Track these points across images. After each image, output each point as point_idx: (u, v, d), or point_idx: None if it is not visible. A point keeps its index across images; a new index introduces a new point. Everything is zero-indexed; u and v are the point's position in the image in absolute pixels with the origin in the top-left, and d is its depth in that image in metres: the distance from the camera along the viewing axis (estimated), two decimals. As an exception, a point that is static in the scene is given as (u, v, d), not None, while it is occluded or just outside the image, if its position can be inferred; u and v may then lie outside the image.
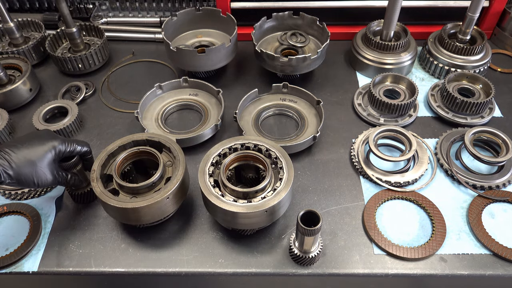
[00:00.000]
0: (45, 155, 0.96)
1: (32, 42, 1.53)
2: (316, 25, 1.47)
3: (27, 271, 1.02)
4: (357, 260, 1.02)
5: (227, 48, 1.36)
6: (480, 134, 1.22)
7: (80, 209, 1.14)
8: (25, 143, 0.95)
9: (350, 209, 1.12)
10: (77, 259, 1.04)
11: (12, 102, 1.38)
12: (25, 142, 0.95)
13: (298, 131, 1.29)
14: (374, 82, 1.35)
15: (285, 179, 0.97)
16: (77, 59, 1.47)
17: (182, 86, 1.40)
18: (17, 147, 0.93)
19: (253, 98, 1.36)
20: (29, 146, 0.95)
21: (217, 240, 1.07)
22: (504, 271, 1.00)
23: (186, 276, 1.02)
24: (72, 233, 1.09)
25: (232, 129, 1.33)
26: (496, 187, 1.14)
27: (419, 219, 1.11)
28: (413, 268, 1.01)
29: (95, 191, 0.97)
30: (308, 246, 0.96)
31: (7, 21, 1.48)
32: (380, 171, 1.18)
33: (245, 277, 1.02)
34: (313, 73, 1.50)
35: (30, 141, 0.96)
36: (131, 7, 1.71)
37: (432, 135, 1.30)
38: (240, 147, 1.05)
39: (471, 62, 1.42)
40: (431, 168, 1.21)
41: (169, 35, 1.45)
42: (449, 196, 1.15)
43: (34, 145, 0.95)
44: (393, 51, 1.45)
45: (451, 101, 1.30)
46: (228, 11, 1.55)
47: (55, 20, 1.69)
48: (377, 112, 1.34)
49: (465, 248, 1.04)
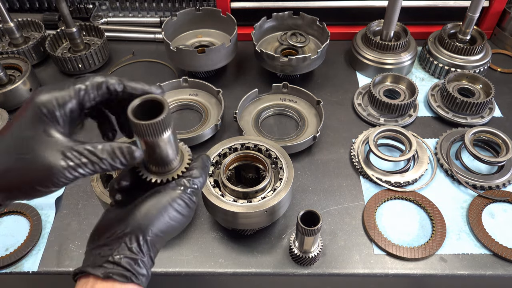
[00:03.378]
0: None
1: (32, 42, 1.53)
2: (316, 25, 1.47)
3: (27, 271, 1.02)
4: (357, 260, 1.02)
5: (227, 48, 1.36)
6: (480, 134, 1.22)
7: (80, 209, 1.14)
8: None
9: (350, 209, 1.12)
10: (77, 259, 1.04)
11: (12, 102, 1.38)
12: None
13: (298, 131, 1.29)
14: (374, 82, 1.35)
15: (285, 179, 0.97)
16: (77, 59, 1.47)
17: (182, 86, 1.40)
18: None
19: (253, 98, 1.36)
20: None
21: (217, 240, 1.07)
22: (504, 271, 1.00)
23: (186, 276, 1.02)
24: (72, 233, 1.09)
25: (232, 129, 1.33)
26: (496, 187, 1.14)
27: (419, 219, 1.11)
28: (413, 268, 1.01)
29: (95, 191, 0.97)
30: (308, 246, 0.96)
31: (7, 21, 1.48)
32: (380, 171, 1.18)
33: (245, 277, 1.02)
34: (313, 73, 1.50)
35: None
36: (131, 7, 1.71)
37: (432, 135, 1.30)
38: (240, 147, 1.05)
39: (471, 62, 1.42)
40: (431, 168, 1.21)
41: (169, 35, 1.45)
42: (449, 196, 1.15)
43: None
44: (393, 51, 1.45)
45: (451, 101, 1.30)
46: (228, 11, 1.55)
47: (55, 20, 1.69)
48: (377, 112, 1.34)
49: (465, 248, 1.04)
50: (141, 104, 0.57)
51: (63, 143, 0.54)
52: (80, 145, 0.55)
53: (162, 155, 0.61)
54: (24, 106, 0.56)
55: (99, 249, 0.58)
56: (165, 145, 0.60)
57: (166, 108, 0.55)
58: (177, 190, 0.62)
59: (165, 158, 0.62)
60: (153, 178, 0.63)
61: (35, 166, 0.53)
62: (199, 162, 0.67)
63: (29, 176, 0.53)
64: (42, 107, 0.55)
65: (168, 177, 0.64)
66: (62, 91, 0.56)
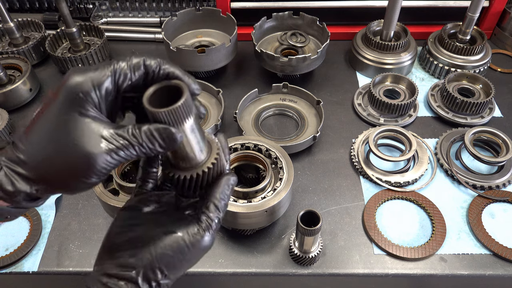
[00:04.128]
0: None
1: (32, 42, 1.53)
2: (316, 25, 1.47)
3: (27, 271, 1.02)
4: (357, 260, 1.02)
5: (227, 48, 1.36)
6: (480, 134, 1.22)
7: (80, 209, 1.14)
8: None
9: (350, 209, 1.12)
10: (77, 259, 1.04)
11: (12, 102, 1.38)
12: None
13: (298, 131, 1.29)
14: (374, 82, 1.35)
15: (285, 179, 0.97)
16: (77, 59, 1.47)
17: (182, 86, 1.40)
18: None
19: (253, 98, 1.36)
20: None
21: (217, 240, 1.07)
22: (504, 271, 1.00)
23: (186, 276, 1.01)
24: (72, 233, 1.09)
25: (232, 129, 1.33)
26: (496, 187, 1.14)
27: (419, 219, 1.11)
28: (413, 268, 1.01)
29: (95, 191, 0.97)
30: (308, 246, 0.96)
31: (7, 21, 1.48)
32: (380, 171, 1.18)
33: (245, 277, 1.02)
34: (313, 73, 1.50)
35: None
36: (131, 7, 1.71)
37: (432, 135, 1.30)
38: (240, 147, 1.05)
39: (471, 62, 1.42)
40: (431, 168, 1.21)
41: (169, 35, 1.45)
42: (449, 196, 1.15)
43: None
44: (393, 51, 1.45)
45: (451, 101, 1.30)
46: (228, 11, 1.55)
47: (55, 20, 1.69)
48: (377, 112, 1.34)
49: (465, 248, 1.04)
50: (157, 91, 0.52)
51: (102, 126, 0.50)
52: (120, 128, 0.51)
53: (186, 148, 0.55)
54: (56, 90, 0.51)
55: (107, 278, 0.55)
56: (188, 136, 0.54)
57: (186, 93, 0.50)
58: (200, 233, 0.58)
59: (190, 151, 0.56)
60: (181, 174, 0.58)
61: (74, 152, 0.49)
62: (220, 190, 0.60)
63: (68, 164, 0.49)
64: (77, 89, 0.50)
65: (198, 171, 0.58)
66: (96, 71, 0.51)
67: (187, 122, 0.52)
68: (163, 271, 0.56)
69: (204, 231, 0.58)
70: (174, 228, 0.58)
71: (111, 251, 0.57)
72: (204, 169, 0.58)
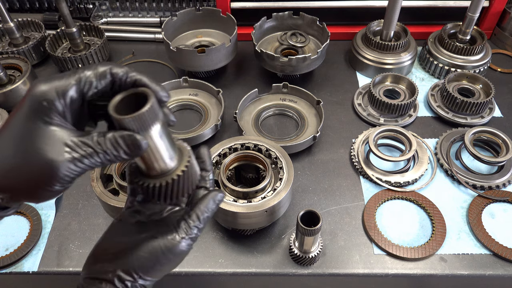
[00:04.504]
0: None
1: (32, 42, 1.53)
2: (316, 25, 1.47)
3: (27, 271, 1.02)
4: (357, 260, 1.02)
5: (227, 48, 1.36)
6: (480, 134, 1.22)
7: (80, 209, 1.14)
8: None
9: (350, 209, 1.12)
10: (77, 259, 1.04)
11: (12, 102, 1.38)
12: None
13: (298, 131, 1.29)
14: (374, 82, 1.35)
15: (285, 179, 0.97)
16: (77, 59, 1.47)
17: (182, 86, 1.40)
18: None
19: (253, 98, 1.36)
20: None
21: (217, 240, 1.07)
22: (504, 271, 1.00)
23: (186, 276, 1.02)
24: (72, 233, 1.09)
25: (232, 129, 1.33)
26: (496, 187, 1.14)
27: (419, 219, 1.11)
28: (413, 268, 1.01)
29: (95, 191, 0.97)
30: (308, 246, 0.96)
31: (7, 21, 1.48)
32: (380, 171, 1.18)
33: (245, 277, 1.02)
34: (313, 73, 1.50)
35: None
36: (131, 7, 1.71)
37: (432, 135, 1.30)
38: (240, 147, 1.05)
39: (471, 62, 1.42)
40: (431, 168, 1.21)
41: (169, 35, 1.45)
42: (449, 196, 1.15)
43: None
44: (393, 51, 1.45)
45: (451, 101, 1.30)
46: (228, 11, 1.55)
47: (55, 20, 1.69)
48: (377, 112, 1.34)
49: (465, 248, 1.04)
50: (124, 99, 0.51)
51: (66, 134, 0.50)
52: (84, 135, 0.51)
53: (155, 155, 0.55)
54: (22, 100, 0.51)
55: (89, 280, 0.59)
56: (156, 143, 0.54)
57: (151, 100, 0.50)
58: (175, 239, 0.60)
59: (159, 158, 0.56)
60: (150, 182, 0.57)
61: (37, 160, 0.49)
62: (205, 203, 0.63)
63: (32, 172, 0.49)
64: (41, 98, 0.50)
65: (167, 179, 0.57)
66: (61, 80, 0.51)
67: (153, 128, 0.52)
68: (138, 273, 0.58)
69: (181, 237, 0.60)
70: (155, 233, 0.60)
71: (95, 257, 0.61)
72: (174, 176, 0.57)
